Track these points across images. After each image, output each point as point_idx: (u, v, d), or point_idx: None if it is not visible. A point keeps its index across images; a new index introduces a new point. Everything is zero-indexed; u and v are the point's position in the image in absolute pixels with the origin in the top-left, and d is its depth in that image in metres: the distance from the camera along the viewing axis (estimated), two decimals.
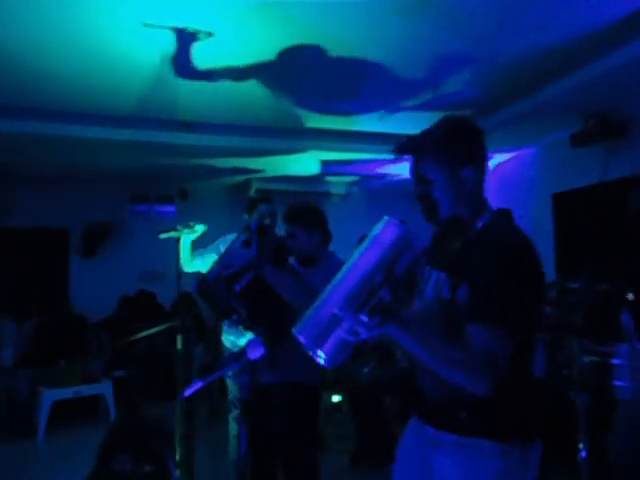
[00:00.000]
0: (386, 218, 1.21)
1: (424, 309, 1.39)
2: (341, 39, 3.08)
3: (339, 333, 1.14)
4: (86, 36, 2.98)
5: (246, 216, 3.18)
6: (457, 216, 1.34)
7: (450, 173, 1.30)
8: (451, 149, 1.30)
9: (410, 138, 1.36)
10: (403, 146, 1.36)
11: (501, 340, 1.18)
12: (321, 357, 1.17)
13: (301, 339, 1.17)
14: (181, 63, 3.32)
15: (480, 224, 1.32)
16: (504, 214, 1.36)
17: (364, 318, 1.11)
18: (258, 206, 3.15)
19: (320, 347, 1.16)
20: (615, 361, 2.65)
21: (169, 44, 3.07)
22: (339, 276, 1.21)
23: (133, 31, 2.93)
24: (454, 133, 1.33)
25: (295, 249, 2.39)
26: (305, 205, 2.50)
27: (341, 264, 2.11)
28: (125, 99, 3.99)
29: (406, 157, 1.37)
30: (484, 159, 1.36)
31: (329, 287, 1.21)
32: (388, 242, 1.17)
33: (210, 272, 2.15)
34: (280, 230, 3.03)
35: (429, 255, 1.39)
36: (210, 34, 2.96)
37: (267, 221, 2.71)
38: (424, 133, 1.35)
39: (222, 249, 3.09)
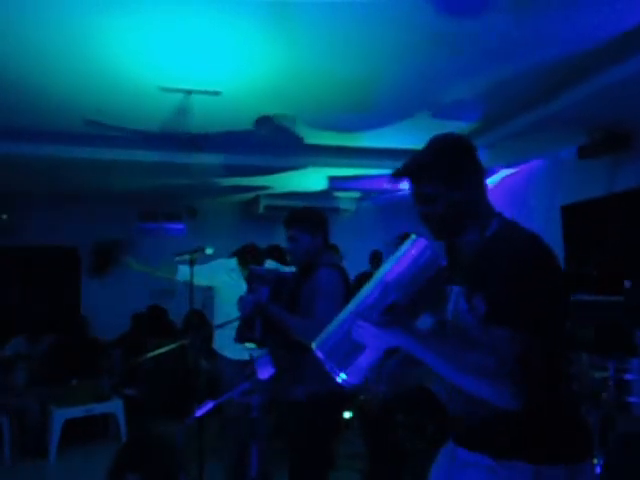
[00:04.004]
0: (413, 236, 1.25)
1: (444, 323, 1.39)
2: (347, 58, 3.14)
3: (360, 353, 1.14)
4: (104, 65, 3.08)
5: None
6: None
7: (451, 187, 1.33)
8: (447, 164, 1.34)
9: (405, 162, 1.39)
10: (400, 170, 1.39)
11: (521, 343, 1.15)
12: (340, 376, 1.16)
13: (320, 356, 1.17)
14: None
15: (489, 232, 1.34)
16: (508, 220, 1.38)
17: (373, 315, 1.13)
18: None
19: (339, 366, 1.15)
20: (629, 376, 2.61)
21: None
22: (362, 292, 1.23)
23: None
24: (446, 149, 1.37)
25: (297, 252, 2.36)
26: (306, 208, 2.50)
27: (332, 274, 2.16)
28: (138, 122, 4.08)
29: (405, 180, 1.41)
30: (480, 169, 1.40)
31: (351, 303, 1.23)
32: (411, 258, 1.21)
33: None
34: None
35: (449, 272, 1.41)
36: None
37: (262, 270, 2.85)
38: (418, 154, 1.39)
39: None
